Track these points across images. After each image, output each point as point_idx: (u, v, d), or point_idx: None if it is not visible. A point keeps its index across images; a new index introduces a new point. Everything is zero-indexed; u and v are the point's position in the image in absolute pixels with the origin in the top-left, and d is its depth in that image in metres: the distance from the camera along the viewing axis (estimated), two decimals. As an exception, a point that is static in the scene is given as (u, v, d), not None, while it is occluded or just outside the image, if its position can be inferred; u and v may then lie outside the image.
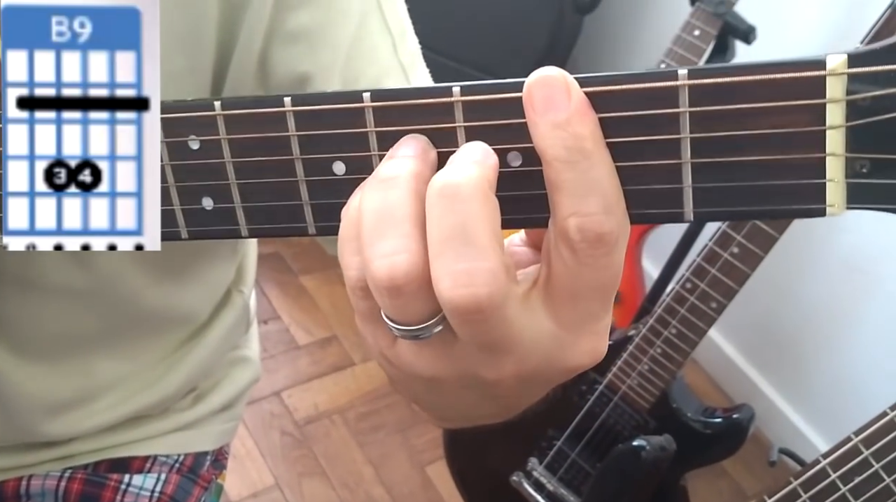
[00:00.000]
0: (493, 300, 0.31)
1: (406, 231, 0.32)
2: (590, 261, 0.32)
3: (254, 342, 0.89)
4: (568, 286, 0.33)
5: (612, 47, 2.04)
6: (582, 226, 0.31)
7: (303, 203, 0.37)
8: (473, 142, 0.34)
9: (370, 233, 0.32)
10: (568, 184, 0.31)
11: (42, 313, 0.65)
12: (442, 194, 0.31)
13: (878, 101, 0.29)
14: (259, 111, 0.36)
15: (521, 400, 0.40)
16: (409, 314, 0.33)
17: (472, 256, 0.31)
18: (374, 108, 0.35)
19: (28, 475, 0.74)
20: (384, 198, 0.32)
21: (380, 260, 0.32)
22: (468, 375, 0.35)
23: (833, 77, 0.30)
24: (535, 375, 0.35)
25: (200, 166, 0.38)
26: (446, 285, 0.31)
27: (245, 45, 0.56)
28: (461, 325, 0.32)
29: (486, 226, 0.31)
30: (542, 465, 1.35)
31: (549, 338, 0.34)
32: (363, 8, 0.58)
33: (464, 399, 0.38)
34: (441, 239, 0.31)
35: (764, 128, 0.31)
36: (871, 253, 1.60)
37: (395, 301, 0.32)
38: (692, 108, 0.31)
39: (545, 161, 0.32)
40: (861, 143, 0.30)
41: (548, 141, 0.31)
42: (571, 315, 0.34)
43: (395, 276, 0.31)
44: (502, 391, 0.36)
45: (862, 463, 0.93)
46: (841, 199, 0.31)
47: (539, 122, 0.31)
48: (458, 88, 0.34)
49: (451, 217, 0.31)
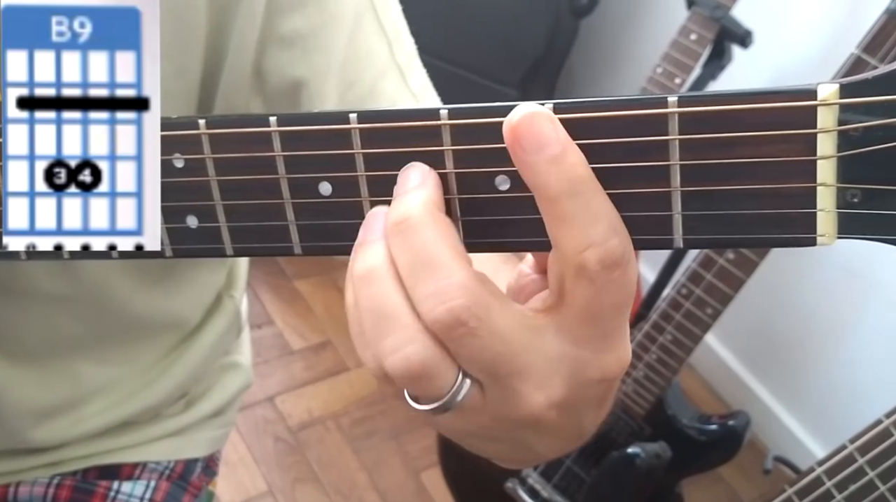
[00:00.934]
0: (472, 310, 0.31)
1: (405, 320, 0.32)
2: (608, 286, 0.32)
3: (245, 347, 0.89)
4: (588, 312, 0.33)
5: (609, 51, 2.04)
6: (600, 257, 0.31)
7: (288, 223, 0.37)
8: (409, 166, 0.34)
9: (373, 336, 0.33)
10: (575, 216, 0.31)
11: (28, 318, 0.64)
12: (395, 232, 0.33)
13: (869, 131, 0.29)
14: (244, 131, 0.36)
15: (582, 426, 0.39)
16: (433, 391, 0.33)
17: (438, 277, 0.31)
18: (361, 129, 0.34)
19: (16, 481, 0.74)
20: (373, 296, 0.33)
21: (390, 357, 0.32)
22: (508, 421, 0.35)
23: (824, 107, 0.30)
24: (571, 399, 0.35)
25: (185, 184, 0.38)
26: (424, 310, 0.32)
27: (237, 51, 0.56)
28: (457, 350, 0.32)
29: (442, 246, 0.32)
30: (536, 472, 1.34)
31: (567, 359, 0.34)
32: (357, 10, 0.58)
33: (524, 440, 0.37)
34: (408, 273, 0.32)
35: (754, 157, 0.31)
36: (869, 258, 1.60)
37: (419, 387, 0.33)
38: (682, 136, 0.31)
39: (548, 198, 0.31)
40: (852, 173, 0.30)
41: (550, 177, 0.31)
42: (590, 335, 0.33)
43: (411, 367, 0.32)
44: (551, 425, 0.35)
45: (857, 472, 0.93)
46: (832, 229, 0.31)
47: (534, 161, 0.31)
48: (446, 111, 0.33)
49: (409, 250, 0.32)
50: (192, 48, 0.55)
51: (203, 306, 0.77)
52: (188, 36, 0.54)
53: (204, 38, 0.55)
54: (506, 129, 0.31)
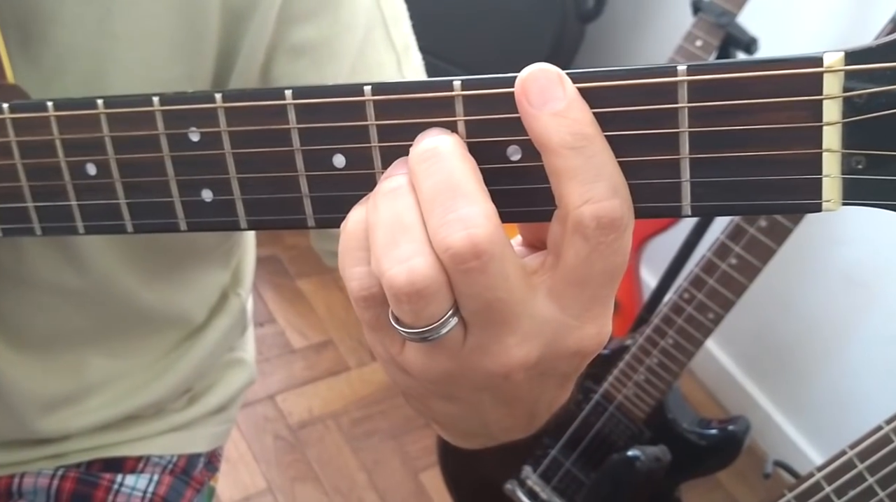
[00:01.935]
0: (491, 242, 0.31)
1: (418, 236, 0.32)
2: (602, 248, 0.32)
3: (249, 344, 0.89)
4: (578, 274, 0.33)
5: (615, 56, 2.04)
6: (596, 213, 0.31)
7: (302, 195, 0.37)
8: (430, 129, 0.34)
9: (384, 243, 0.33)
10: (576, 170, 0.32)
11: (34, 310, 0.65)
12: (423, 157, 0.33)
13: (874, 97, 0.30)
14: (260, 104, 0.36)
15: (538, 404, 0.39)
16: (422, 317, 0.33)
17: (463, 204, 0.32)
18: (375, 101, 0.35)
19: (21, 473, 0.74)
20: (392, 207, 0.33)
21: (397, 266, 0.32)
22: (477, 371, 0.35)
23: (830, 74, 0.30)
24: (542, 364, 0.35)
25: (200, 158, 0.38)
26: (442, 235, 0.31)
27: (247, 57, 0.56)
28: (461, 282, 0.32)
29: (470, 177, 0.32)
30: (536, 473, 1.35)
31: (552, 322, 0.34)
32: (368, 23, 0.58)
33: (480, 405, 0.38)
34: (430, 196, 0.32)
35: (761, 124, 0.31)
36: (870, 266, 1.60)
37: (412, 305, 0.32)
38: (691, 104, 0.32)
39: (550, 150, 0.32)
40: (857, 140, 0.30)
41: (551, 129, 0.32)
42: (577, 301, 0.34)
43: (414, 281, 0.32)
44: (514, 389, 0.36)
45: (856, 477, 0.93)
46: (837, 195, 0.32)
47: (538, 114, 0.32)
48: (459, 82, 0.34)
49: (435, 175, 0.32)
50: (204, 54, 0.56)
51: (209, 303, 0.77)
52: (200, 42, 0.55)
53: (215, 45, 0.56)
54: (516, 85, 0.32)
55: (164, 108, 0.37)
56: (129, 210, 0.40)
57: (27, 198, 0.42)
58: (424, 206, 0.32)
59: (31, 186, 0.41)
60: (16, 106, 0.40)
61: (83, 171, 0.40)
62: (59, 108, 0.39)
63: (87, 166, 0.40)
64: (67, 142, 0.40)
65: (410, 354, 0.35)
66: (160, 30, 0.54)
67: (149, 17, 0.53)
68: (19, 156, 0.41)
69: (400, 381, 0.38)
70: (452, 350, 0.34)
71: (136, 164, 0.39)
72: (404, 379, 0.38)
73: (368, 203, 0.34)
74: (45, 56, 0.53)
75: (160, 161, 0.38)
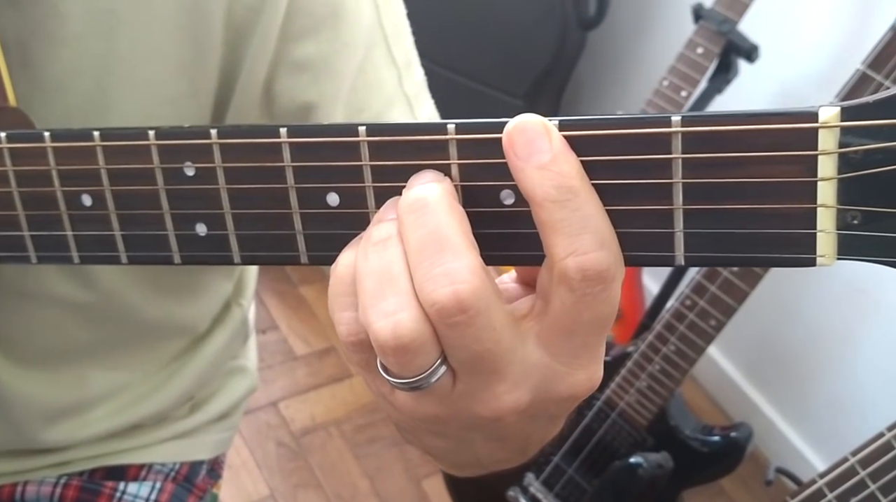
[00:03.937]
0: (476, 296, 0.31)
1: (404, 288, 0.32)
2: (588, 299, 0.32)
3: (252, 352, 0.89)
4: (565, 322, 0.33)
5: (616, 63, 2.04)
6: (581, 265, 0.31)
7: (296, 232, 0.37)
8: (423, 171, 0.34)
9: (371, 294, 0.33)
10: (561, 223, 0.31)
11: (39, 323, 0.65)
12: (411, 209, 0.33)
13: (869, 154, 0.29)
14: (255, 141, 0.36)
15: (530, 440, 0.39)
16: (409, 369, 0.33)
17: (450, 258, 0.31)
18: (370, 142, 0.35)
19: (24, 481, 0.74)
20: (381, 258, 0.33)
21: (383, 320, 0.32)
22: (467, 415, 0.35)
23: (825, 129, 0.30)
24: (533, 408, 0.35)
25: (195, 192, 0.38)
26: (428, 289, 0.31)
27: (249, 73, 0.57)
28: (447, 335, 0.32)
29: (457, 230, 0.32)
30: (538, 480, 1.35)
31: (542, 368, 0.34)
32: (369, 40, 0.59)
33: (471, 442, 0.38)
34: (417, 249, 0.32)
35: (756, 177, 0.31)
36: (873, 274, 1.60)
37: (398, 358, 0.32)
38: (685, 155, 0.31)
39: (536, 204, 0.32)
40: (852, 195, 0.30)
41: (536, 182, 0.32)
42: (566, 348, 0.34)
43: (399, 335, 0.32)
44: (505, 429, 0.36)
45: (858, 484, 0.93)
46: (832, 250, 0.31)
47: (524, 167, 0.32)
48: (453, 126, 0.34)
49: (423, 227, 0.32)
50: (208, 70, 0.56)
51: (211, 314, 0.77)
52: (204, 58, 0.55)
53: (219, 60, 0.56)
54: (503, 136, 0.32)
55: (159, 143, 0.38)
56: (123, 241, 0.41)
57: (23, 226, 0.42)
58: (411, 259, 0.32)
59: (28, 215, 0.42)
60: (13, 135, 0.40)
61: (79, 202, 0.40)
62: (56, 138, 0.39)
63: (82, 197, 0.40)
64: (63, 173, 0.40)
65: (400, 397, 0.36)
66: (164, 47, 0.54)
67: (153, 35, 0.53)
68: (16, 185, 0.41)
69: (392, 416, 0.38)
70: (441, 396, 0.34)
71: (132, 197, 0.39)
72: (396, 415, 0.38)
73: (358, 250, 0.34)
74: (48, 76, 0.53)
75: (155, 194, 0.39)
